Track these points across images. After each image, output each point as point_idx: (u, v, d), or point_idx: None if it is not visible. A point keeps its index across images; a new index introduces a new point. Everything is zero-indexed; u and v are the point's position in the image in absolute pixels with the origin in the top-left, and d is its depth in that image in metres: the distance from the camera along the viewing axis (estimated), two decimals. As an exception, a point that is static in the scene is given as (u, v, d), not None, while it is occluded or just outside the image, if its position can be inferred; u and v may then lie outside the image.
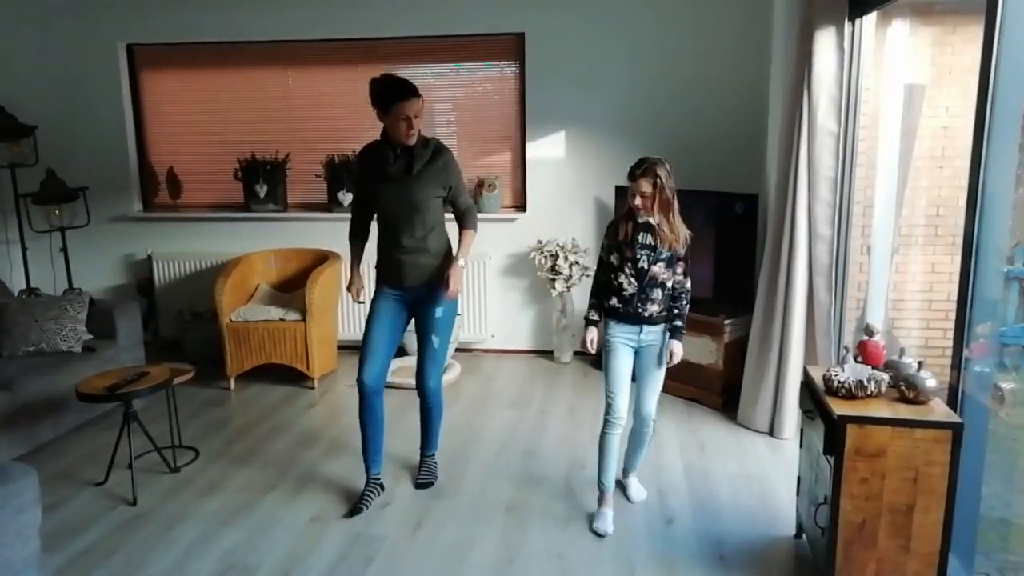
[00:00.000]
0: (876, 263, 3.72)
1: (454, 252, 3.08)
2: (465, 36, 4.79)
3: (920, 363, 2.36)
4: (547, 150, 4.84)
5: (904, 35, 3.69)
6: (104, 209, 5.17)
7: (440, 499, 3.11)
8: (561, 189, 4.86)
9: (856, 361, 2.49)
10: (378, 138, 2.98)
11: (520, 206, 4.99)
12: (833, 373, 2.40)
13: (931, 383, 2.29)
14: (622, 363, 2.82)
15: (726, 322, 3.95)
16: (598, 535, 2.82)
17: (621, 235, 2.79)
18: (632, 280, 2.77)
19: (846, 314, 3.58)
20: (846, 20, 3.28)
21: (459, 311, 4.89)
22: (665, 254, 2.77)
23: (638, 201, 2.73)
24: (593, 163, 4.80)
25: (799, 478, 2.74)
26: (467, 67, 4.93)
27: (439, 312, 3.06)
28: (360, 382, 3.00)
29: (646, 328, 2.80)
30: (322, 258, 4.73)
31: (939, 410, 2.27)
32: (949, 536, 2.23)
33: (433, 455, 3.32)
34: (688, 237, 2.82)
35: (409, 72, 4.95)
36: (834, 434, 2.25)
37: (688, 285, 2.87)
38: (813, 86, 3.33)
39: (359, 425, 3.08)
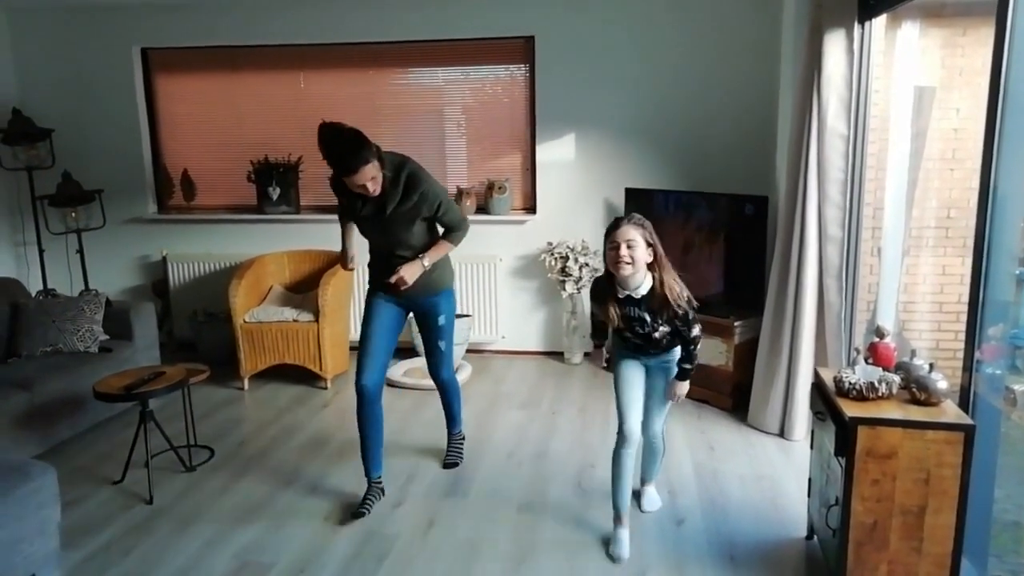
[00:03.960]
0: (886, 265, 3.73)
1: (439, 248, 2.99)
2: (475, 40, 4.82)
3: (931, 365, 2.36)
4: (557, 152, 4.86)
5: (914, 37, 3.69)
6: (119, 211, 5.23)
7: (452, 498, 3.14)
8: (571, 191, 4.88)
9: (867, 363, 2.50)
10: None
11: (530, 208, 5.01)
12: (844, 375, 2.41)
13: (942, 385, 2.30)
14: (632, 375, 2.70)
15: (736, 324, 3.96)
16: (613, 560, 2.65)
17: (601, 315, 2.58)
18: (634, 339, 2.63)
19: (856, 316, 3.59)
20: (855, 23, 3.28)
21: (460, 311, 4.92)
22: (663, 325, 2.53)
23: (624, 251, 2.42)
24: (603, 165, 4.82)
25: (810, 479, 2.74)
26: (477, 70, 4.96)
27: (442, 320, 3.09)
28: (359, 385, 2.97)
29: (654, 353, 2.68)
30: (334, 260, 4.77)
31: (950, 412, 2.27)
32: (961, 538, 2.23)
33: (459, 432, 3.48)
34: (689, 298, 2.53)
35: (419, 75, 5.00)
36: (845, 435, 2.26)
37: (696, 332, 2.59)
38: (823, 88, 3.34)
39: (357, 429, 3.04)
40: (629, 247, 2.43)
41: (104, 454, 3.60)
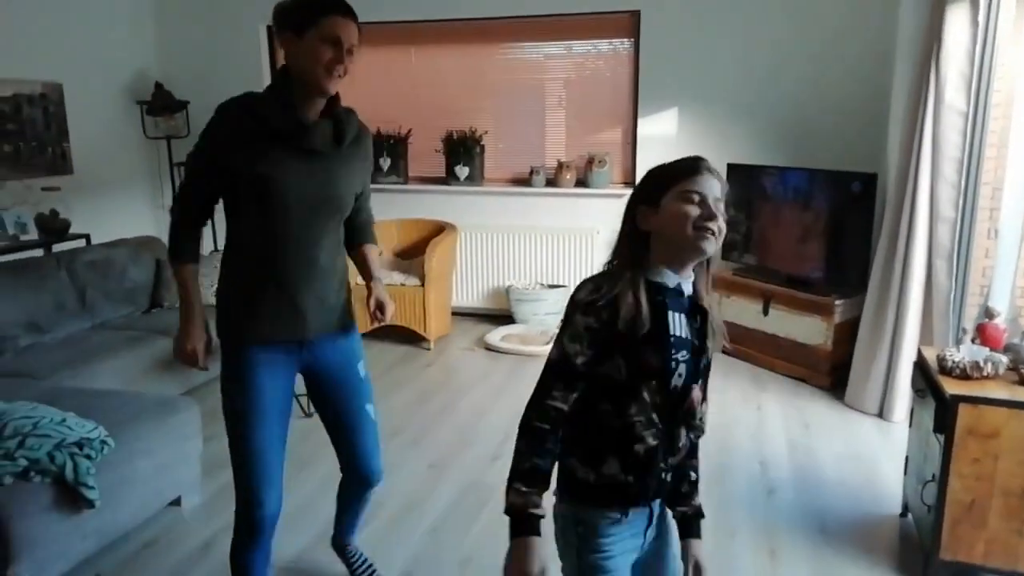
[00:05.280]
0: (1004, 248, 3.56)
1: (370, 272, 2.23)
2: (581, 14, 4.88)
3: (1044, 347, 2.31)
4: (659, 126, 4.88)
5: (1049, 7, 3.48)
6: (244, 179, 5.65)
7: (547, 456, 3.30)
8: (671, 166, 4.89)
9: (974, 343, 2.46)
10: (253, 93, 1.85)
11: (630, 182, 5.06)
12: (948, 353, 2.40)
13: (1055, 368, 2.26)
14: None
15: (837, 302, 3.90)
16: None
17: (625, 312, 1.28)
18: (652, 416, 1.34)
19: (967, 299, 3.47)
20: (983, -8, 3.15)
21: (553, 282, 4.97)
22: (708, 358, 1.43)
23: (716, 215, 1.30)
24: (706, 140, 4.79)
25: (907, 457, 2.73)
26: (581, 44, 5.02)
27: (362, 370, 2.12)
28: (260, 515, 1.97)
29: (659, 515, 1.48)
30: (439, 229, 5.00)
31: (1063, 396, 2.23)
32: (1069, 525, 2.21)
33: (361, 556, 2.53)
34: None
35: (524, 50, 5.12)
36: (945, 413, 2.26)
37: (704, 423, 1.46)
38: (942, 62, 3.22)
39: (242, 566, 2.03)
40: (719, 211, 1.32)
41: (234, 398, 3.98)
